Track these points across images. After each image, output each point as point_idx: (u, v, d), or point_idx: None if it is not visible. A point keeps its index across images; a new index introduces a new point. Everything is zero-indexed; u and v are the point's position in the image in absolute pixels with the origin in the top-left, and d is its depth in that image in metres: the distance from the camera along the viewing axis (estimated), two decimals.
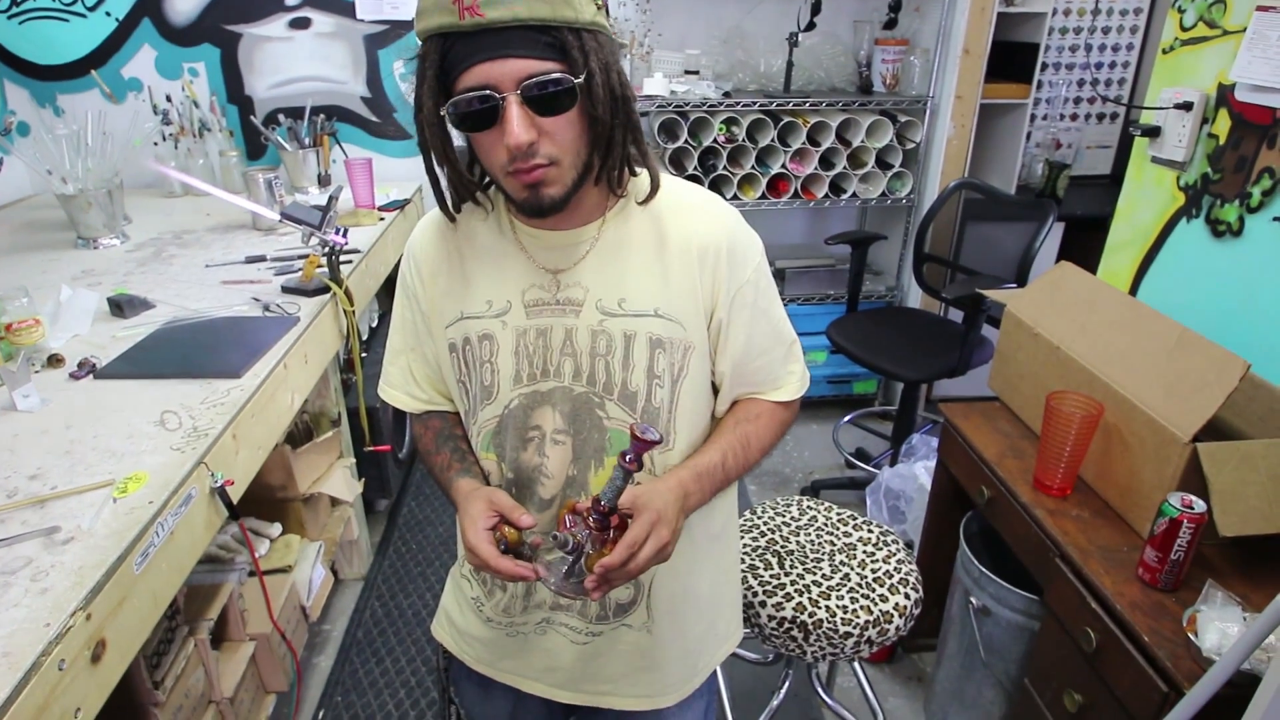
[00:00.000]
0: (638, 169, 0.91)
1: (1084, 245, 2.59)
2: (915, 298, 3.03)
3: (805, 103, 2.84)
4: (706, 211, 0.94)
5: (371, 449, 2.29)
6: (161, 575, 1.15)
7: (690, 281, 0.92)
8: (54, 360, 1.55)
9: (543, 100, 0.77)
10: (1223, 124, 1.59)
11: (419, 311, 1.00)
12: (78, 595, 0.98)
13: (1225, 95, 1.58)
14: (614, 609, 1.02)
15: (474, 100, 0.77)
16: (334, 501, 2.22)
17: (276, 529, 1.98)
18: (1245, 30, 1.50)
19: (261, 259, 2.16)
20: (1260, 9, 1.46)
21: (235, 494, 1.37)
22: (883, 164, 2.92)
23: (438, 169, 0.88)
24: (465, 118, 0.79)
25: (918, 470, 2.24)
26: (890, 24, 2.84)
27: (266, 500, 1.97)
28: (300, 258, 2.09)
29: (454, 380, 0.99)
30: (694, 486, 0.91)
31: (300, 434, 2.09)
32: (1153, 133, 1.74)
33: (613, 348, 0.92)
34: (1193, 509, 1.16)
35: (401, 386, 1.06)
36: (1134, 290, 1.84)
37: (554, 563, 0.88)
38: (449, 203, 0.93)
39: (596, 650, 1.03)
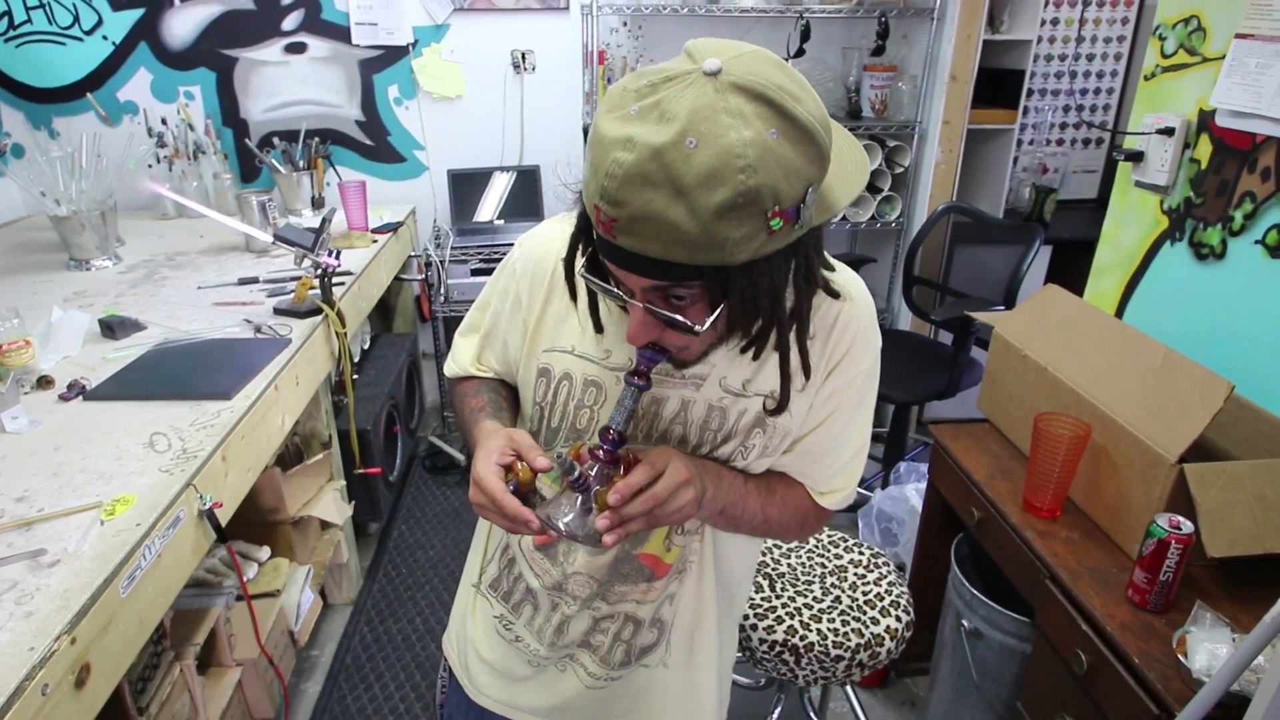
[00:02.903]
0: None
1: (1071, 268, 2.61)
2: (905, 320, 3.05)
3: None
4: (847, 301, 0.88)
5: (362, 471, 2.29)
6: (148, 599, 1.14)
7: (811, 368, 0.87)
8: (44, 382, 1.55)
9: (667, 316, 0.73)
10: (1204, 149, 1.62)
11: (519, 318, 0.94)
12: (63, 619, 0.97)
13: (1206, 121, 1.61)
14: (637, 652, 1.00)
15: (604, 288, 0.76)
16: (324, 524, 2.21)
17: (265, 552, 1.96)
18: (1225, 57, 1.53)
19: (254, 281, 2.16)
20: (1239, 36, 1.50)
21: (224, 516, 1.36)
22: (872, 188, 2.95)
23: None
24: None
25: (909, 493, 2.24)
26: (878, 51, 2.88)
27: (256, 523, 1.96)
28: (293, 279, 2.09)
29: (531, 398, 0.94)
30: (712, 469, 0.86)
31: (290, 456, 2.08)
32: (1136, 157, 1.76)
33: (724, 423, 0.89)
34: (1180, 530, 1.16)
35: (466, 366, 1.02)
36: (1120, 312, 1.86)
37: (563, 503, 0.77)
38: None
39: (608, 694, 1.02)
